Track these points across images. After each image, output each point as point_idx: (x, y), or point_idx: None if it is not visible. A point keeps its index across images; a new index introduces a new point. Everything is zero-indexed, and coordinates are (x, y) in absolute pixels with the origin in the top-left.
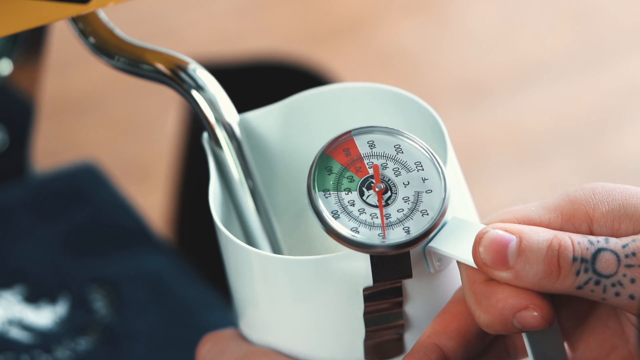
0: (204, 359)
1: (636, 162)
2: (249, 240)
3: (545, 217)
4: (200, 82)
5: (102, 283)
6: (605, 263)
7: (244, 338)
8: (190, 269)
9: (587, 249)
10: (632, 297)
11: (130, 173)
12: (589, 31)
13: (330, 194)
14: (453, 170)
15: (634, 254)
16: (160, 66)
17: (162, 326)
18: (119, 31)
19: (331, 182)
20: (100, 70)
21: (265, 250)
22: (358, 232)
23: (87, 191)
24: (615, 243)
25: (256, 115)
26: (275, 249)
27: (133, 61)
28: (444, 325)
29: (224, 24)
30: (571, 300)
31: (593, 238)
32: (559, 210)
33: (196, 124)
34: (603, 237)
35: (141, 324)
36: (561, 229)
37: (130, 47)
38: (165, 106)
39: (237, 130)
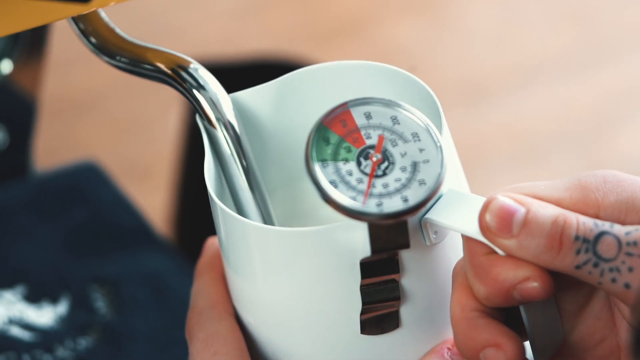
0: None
1: (636, 163)
2: (243, 215)
3: (553, 197)
4: (201, 82)
5: (102, 283)
6: (607, 247)
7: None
8: (191, 269)
9: (591, 230)
10: (627, 285)
11: (131, 173)
12: (589, 31)
13: (328, 163)
14: (447, 144)
15: (635, 242)
16: (162, 65)
17: (162, 326)
18: (120, 31)
19: (329, 152)
20: (101, 70)
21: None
22: (356, 201)
23: (87, 191)
24: (619, 229)
25: (249, 93)
26: (268, 224)
27: (134, 61)
28: (465, 294)
29: (224, 23)
30: (566, 290)
31: (599, 221)
32: (568, 192)
33: (197, 124)
34: (608, 222)
35: (141, 324)
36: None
37: (132, 47)
38: (166, 106)
39: (239, 131)
